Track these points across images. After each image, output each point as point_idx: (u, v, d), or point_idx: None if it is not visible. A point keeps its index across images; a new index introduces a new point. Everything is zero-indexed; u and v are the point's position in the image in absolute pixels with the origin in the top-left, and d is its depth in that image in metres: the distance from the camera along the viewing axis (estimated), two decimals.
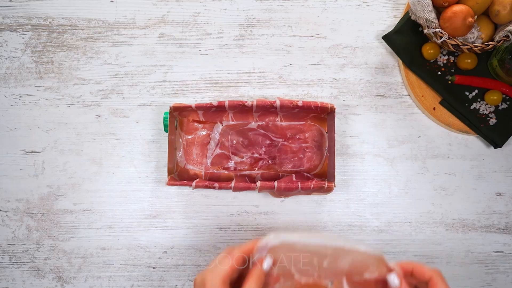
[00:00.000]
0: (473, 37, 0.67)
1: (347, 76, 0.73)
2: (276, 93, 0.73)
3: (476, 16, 0.66)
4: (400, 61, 0.71)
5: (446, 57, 0.71)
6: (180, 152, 0.71)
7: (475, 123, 0.70)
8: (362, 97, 0.73)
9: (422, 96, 0.71)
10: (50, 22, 0.73)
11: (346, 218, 0.71)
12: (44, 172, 0.72)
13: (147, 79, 0.73)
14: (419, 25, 0.71)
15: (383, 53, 0.73)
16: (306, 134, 0.71)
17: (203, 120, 0.71)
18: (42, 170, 0.72)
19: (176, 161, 0.71)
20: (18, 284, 0.71)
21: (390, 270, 0.45)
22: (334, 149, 0.67)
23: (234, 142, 0.71)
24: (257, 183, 0.66)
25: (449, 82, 0.71)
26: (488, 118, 0.70)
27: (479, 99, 0.71)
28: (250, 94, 0.73)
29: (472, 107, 0.71)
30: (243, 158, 0.72)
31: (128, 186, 0.72)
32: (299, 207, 0.72)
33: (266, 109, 0.68)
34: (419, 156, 0.72)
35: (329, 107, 0.66)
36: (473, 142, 0.72)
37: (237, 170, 0.72)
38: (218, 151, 0.71)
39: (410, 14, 0.68)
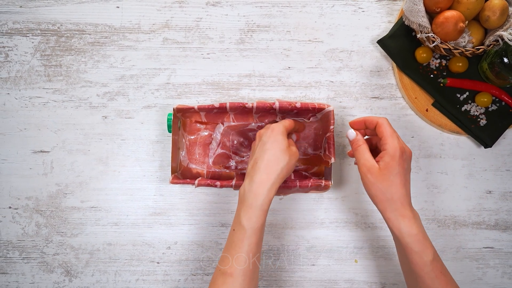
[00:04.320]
0: (464, 42, 0.68)
1: (343, 79, 0.75)
2: (275, 95, 0.75)
3: (467, 21, 0.67)
4: (394, 65, 0.73)
5: (438, 60, 0.73)
6: (183, 152, 0.73)
7: (466, 124, 0.72)
8: (358, 99, 0.75)
9: (415, 98, 0.73)
10: (58, 27, 0.76)
11: (342, 215, 0.74)
12: (53, 171, 0.74)
13: (151, 81, 0.75)
14: (413, 30, 0.72)
15: (378, 57, 0.75)
16: (304, 134, 0.73)
17: (205, 121, 0.73)
18: (50, 169, 0.74)
19: (179, 160, 0.72)
20: (27, 278, 0.73)
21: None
22: (332, 149, 0.68)
23: (235, 142, 0.74)
24: None
25: (441, 84, 0.72)
26: (479, 119, 0.72)
27: (470, 101, 0.73)
28: (250, 96, 0.75)
29: (463, 108, 0.72)
30: (243, 157, 0.74)
31: (133, 185, 0.74)
32: (297, 205, 0.74)
33: (265, 110, 0.69)
34: (412, 156, 0.74)
35: (326, 108, 0.67)
36: (464, 142, 0.74)
37: (238, 169, 0.73)
38: (219, 150, 0.73)
39: (403, 19, 0.70)
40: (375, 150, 0.62)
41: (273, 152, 0.59)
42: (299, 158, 0.73)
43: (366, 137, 0.64)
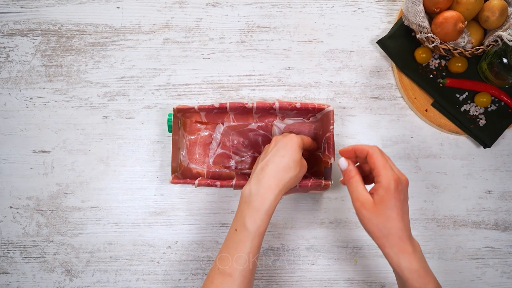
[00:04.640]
0: (464, 42, 0.69)
1: (343, 79, 0.75)
2: (275, 95, 0.75)
3: (466, 22, 0.67)
4: (394, 65, 0.73)
5: (438, 61, 0.73)
6: (184, 152, 0.73)
7: (465, 124, 0.72)
8: (358, 99, 0.75)
9: (415, 98, 0.74)
10: (59, 28, 0.76)
11: (341, 215, 0.74)
12: (53, 171, 0.74)
13: (152, 82, 0.75)
14: (412, 30, 0.73)
15: (378, 57, 0.76)
16: (303, 134, 0.73)
17: (206, 121, 0.73)
18: (51, 169, 0.74)
19: (180, 160, 0.72)
20: (28, 277, 0.73)
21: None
22: (332, 149, 0.68)
23: (235, 142, 0.74)
24: None
25: (441, 85, 0.73)
26: (478, 119, 0.72)
27: (469, 101, 0.73)
28: (250, 96, 0.75)
29: (462, 108, 0.73)
30: (243, 157, 0.74)
31: (134, 184, 0.74)
32: (297, 205, 0.74)
33: (265, 110, 0.69)
34: (412, 156, 0.74)
35: (326, 108, 0.67)
36: (464, 142, 0.75)
37: (238, 169, 0.74)
38: (219, 150, 0.74)
39: (403, 20, 0.70)
40: (369, 177, 0.58)
41: (286, 160, 0.59)
42: None
43: (358, 164, 0.60)
